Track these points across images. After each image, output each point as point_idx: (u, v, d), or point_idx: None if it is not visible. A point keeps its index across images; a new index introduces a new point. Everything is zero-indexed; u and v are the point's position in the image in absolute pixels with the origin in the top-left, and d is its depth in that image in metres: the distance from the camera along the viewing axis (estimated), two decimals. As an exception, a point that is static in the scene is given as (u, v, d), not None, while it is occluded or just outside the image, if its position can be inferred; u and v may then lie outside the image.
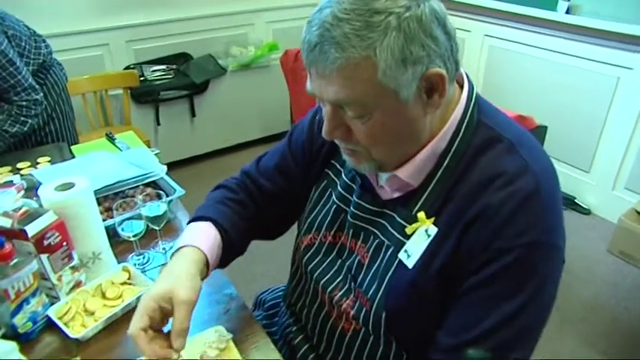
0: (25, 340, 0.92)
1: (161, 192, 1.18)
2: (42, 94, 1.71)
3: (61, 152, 1.69)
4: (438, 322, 0.74)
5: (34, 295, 0.93)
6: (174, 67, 3.11)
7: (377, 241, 0.79)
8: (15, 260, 0.88)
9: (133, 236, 1.11)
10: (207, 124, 3.19)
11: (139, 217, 1.12)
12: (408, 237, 0.74)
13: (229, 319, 0.96)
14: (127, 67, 2.99)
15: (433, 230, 0.71)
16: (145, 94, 2.89)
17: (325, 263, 0.88)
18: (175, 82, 3.00)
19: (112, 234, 1.12)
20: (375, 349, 0.81)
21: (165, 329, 0.77)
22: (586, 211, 2.75)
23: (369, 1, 0.60)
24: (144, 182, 1.32)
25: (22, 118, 1.67)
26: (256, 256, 2.29)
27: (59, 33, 2.61)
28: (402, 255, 0.74)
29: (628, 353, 1.91)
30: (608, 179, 2.69)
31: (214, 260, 0.85)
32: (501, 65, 3.05)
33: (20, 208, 0.94)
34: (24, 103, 1.65)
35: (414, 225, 0.73)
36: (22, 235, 0.90)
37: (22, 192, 0.93)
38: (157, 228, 1.14)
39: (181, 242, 0.84)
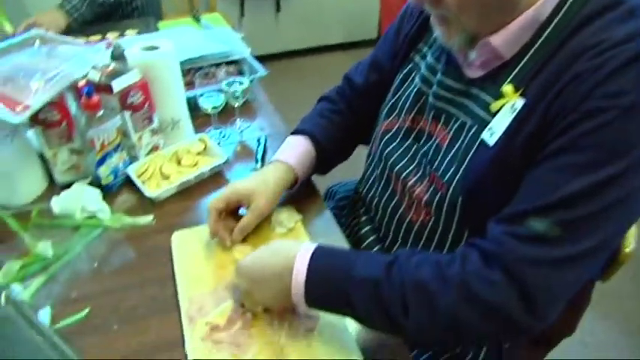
0: (106, 192, 0.96)
1: (245, 70, 1.15)
2: None
3: (147, 26, 1.69)
4: None
5: (116, 150, 0.95)
6: (263, -44, 2.97)
7: (459, 122, 0.73)
8: (101, 112, 0.89)
9: (212, 108, 1.10)
10: (290, 21, 3.09)
11: (220, 91, 1.11)
12: (493, 115, 0.66)
13: (301, 201, 0.95)
14: (217, -48, 2.89)
15: (520, 103, 0.63)
16: (232, -17, 2.82)
17: (402, 149, 0.83)
18: (263, -28, 2.89)
19: (192, 107, 1.12)
20: (443, 241, 0.76)
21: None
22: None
23: None
24: (227, 60, 1.29)
25: None
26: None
27: None
28: (484, 134, 0.67)
29: None
30: None
31: (304, 172, 0.92)
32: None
33: (108, 65, 0.94)
34: None
35: (500, 101, 0.65)
36: (108, 89, 0.91)
37: (111, 48, 0.92)
38: (236, 105, 1.12)
39: (277, 155, 0.91)
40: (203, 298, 0.75)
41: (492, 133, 0.65)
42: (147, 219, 0.91)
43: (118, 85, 0.91)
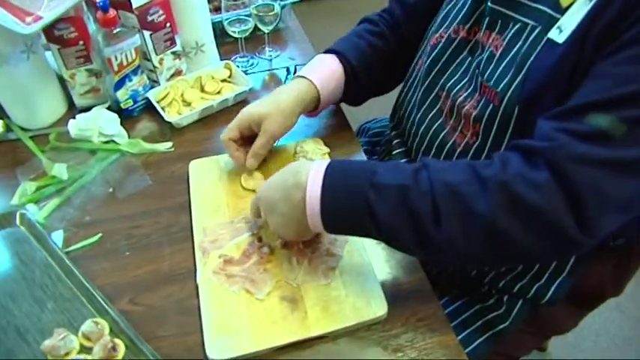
0: (126, 117, 0.91)
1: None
2: None
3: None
4: None
5: (135, 72, 0.90)
6: None
7: (518, 25, 0.62)
8: (118, 29, 0.83)
9: (239, 32, 1.02)
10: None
11: (249, 15, 1.02)
12: (564, 11, 0.56)
13: (329, 135, 0.88)
14: None
15: None
16: None
17: (455, 62, 0.73)
18: None
19: (218, 33, 1.04)
20: None
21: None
22: None
23: None
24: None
25: None
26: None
27: None
28: (552, 33, 0.56)
29: None
30: None
31: (329, 94, 0.82)
32: None
33: (126, -22, 0.87)
34: None
35: None
36: (126, 5, 0.84)
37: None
38: (265, 31, 1.04)
39: (299, 72, 0.82)
40: (218, 230, 0.70)
41: (563, 30, 0.55)
42: (165, 145, 0.86)
43: (137, 1, 0.83)
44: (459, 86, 0.71)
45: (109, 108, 0.92)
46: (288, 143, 0.84)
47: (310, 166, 0.59)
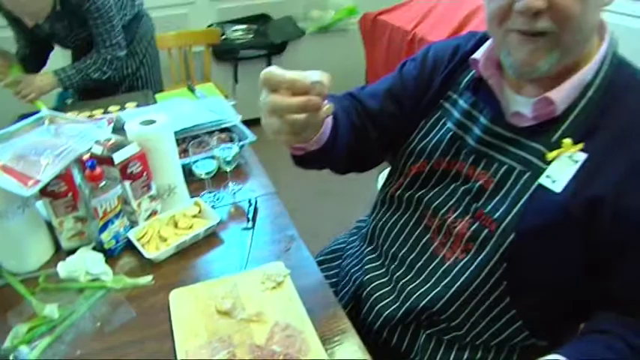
0: (109, 256, 1.03)
1: (235, 136, 1.25)
2: (125, 52, 1.89)
3: (146, 98, 1.82)
4: (569, 256, 0.76)
5: (117, 216, 1.03)
6: (254, 27, 3.19)
7: (505, 167, 0.81)
8: (103, 183, 0.98)
9: (205, 174, 1.19)
10: (282, 85, 3.26)
11: (213, 157, 1.20)
12: (548, 163, 0.76)
13: (288, 258, 1.02)
14: (209, 26, 3.10)
15: (581, 156, 0.73)
16: (225, 52, 3.01)
17: (438, 188, 0.90)
18: (255, 41, 3.09)
19: (187, 173, 1.21)
20: (468, 282, 0.82)
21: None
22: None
23: None
24: (219, 127, 1.39)
25: (105, 69, 1.89)
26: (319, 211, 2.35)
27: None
28: (543, 180, 0.76)
29: None
30: None
31: (326, 130, 0.82)
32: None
33: (109, 139, 1.04)
34: (108, 57, 1.88)
35: (557, 151, 0.75)
36: (109, 161, 1.00)
37: (112, 124, 1.03)
38: (227, 169, 1.22)
39: None
40: (199, 351, 0.81)
41: (555, 180, 0.74)
42: (146, 279, 0.97)
43: (118, 157, 1.00)
44: (446, 207, 0.88)
45: (93, 248, 1.04)
46: (253, 269, 0.98)
47: None
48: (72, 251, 1.02)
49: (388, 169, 1.05)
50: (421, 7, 2.51)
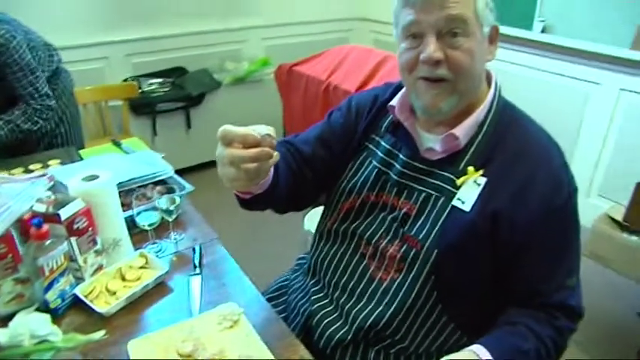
0: (54, 315, 1.01)
1: (173, 187, 1.30)
2: (54, 101, 1.85)
3: (69, 155, 1.79)
4: (483, 263, 0.91)
5: (62, 274, 1.03)
6: (170, 80, 3.23)
7: (423, 195, 0.96)
8: (50, 240, 0.98)
9: (149, 226, 1.22)
10: (202, 136, 3.30)
11: (154, 209, 1.23)
12: (458, 188, 0.91)
13: (239, 299, 1.07)
14: (125, 80, 3.10)
15: (482, 180, 0.90)
16: (143, 106, 3.01)
17: (369, 219, 1.03)
18: (172, 94, 3.12)
19: (130, 225, 1.22)
20: (405, 297, 0.94)
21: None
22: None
23: None
24: (155, 180, 1.43)
25: (35, 119, 1.82)
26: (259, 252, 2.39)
27: (62, 46, 2.69)
28: (456, 202, 0.91)
29: (602, 344, 2.05)
30: (582, 187, 2.86)
31: (269, 177, 0.93)
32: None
33: (50, 197, 1.05)
34: (39, 107, 1.82)
35: (464, 177, 0.91)
36: (55, 218, 1.00)
37: (53, 182, 1.03)
38: (169, 220, 1.25)
39: None
40: (165, 396, 0.83)
41: (464, 202, 0.90)
42: (100, 334, 0.97)
43: (65, 214, 1.01)
44: (377, 235, 1.00)
45: (37, 309, 1.01)
46: (208, 312, 1.01)
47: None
48: (8, 316, 0.99)
49: (313, 211, 1.17)
50: (333, 58, 2.73)
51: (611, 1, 2.56)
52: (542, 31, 2.88)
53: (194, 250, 1.22)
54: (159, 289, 1.11)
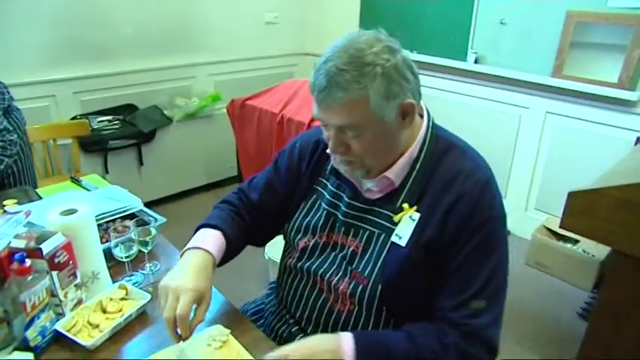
0: (34, 354, 1.00)
1: (146, 219, 1.31)
2: (16, 136, 1.80)
3: (27, 195, 1.74)
4: (425, 290, 0.96)
5: (43, 310, 1.02)
6: (120, 117, 3.20)
7: (367, 232, 1.02)
8: (32, 276, 0.98)
9: (126, 257, 1.23)
10: (154, 172, 3.28)
11: (131, 241, 1.25)
12: (396, 224, 0.97)
13: (223, 321, 1.10)
14: (74, 118, 3.04)
15: (416, 215, 0.96)
16: (93, 144, 2.96)
17: (322, 257, 1.08)
18: (123, 131, 3.09)
19: (106, 257, 1.23)
20: (366, 324, 1.01)
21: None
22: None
23: (360, 56, 0.86)
24: (124, 214, 1.43)
25: (0, 157, 1.77)
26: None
27: (7, 84, 2.64)
28: (394, 238, 0.97)
29: (550, 346, 2.21)
30: (521, 202, 3.10)
31: (219, 260, 1.07)
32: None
33: (28, 232, 1.04)
34: (1, 143, 1.74)
35: (400, 214, 0.97)
36: (37, 253, 1.00)
37: (30, 216, 1.04)
38: (145, 251, 1.27)
39: (195, 243, 1.05)
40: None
41: (401, 237, 0.96)
42: (88, 367, 0.97)
43: (46, 248, 1.01)
44: (329, 272, 1.05)
45: (16, 349, 0.99)
46: (195, 336, 1.03)
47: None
48: (-14, 359, 0.97)
49: (271, 242, 1.30)
50: (285, 92, 2.84)
51: (533, 33, 2.85)
52: (476, 62, 3.13)
53: (172, 279, 1.24)
54: (141, 318, 1.12)
